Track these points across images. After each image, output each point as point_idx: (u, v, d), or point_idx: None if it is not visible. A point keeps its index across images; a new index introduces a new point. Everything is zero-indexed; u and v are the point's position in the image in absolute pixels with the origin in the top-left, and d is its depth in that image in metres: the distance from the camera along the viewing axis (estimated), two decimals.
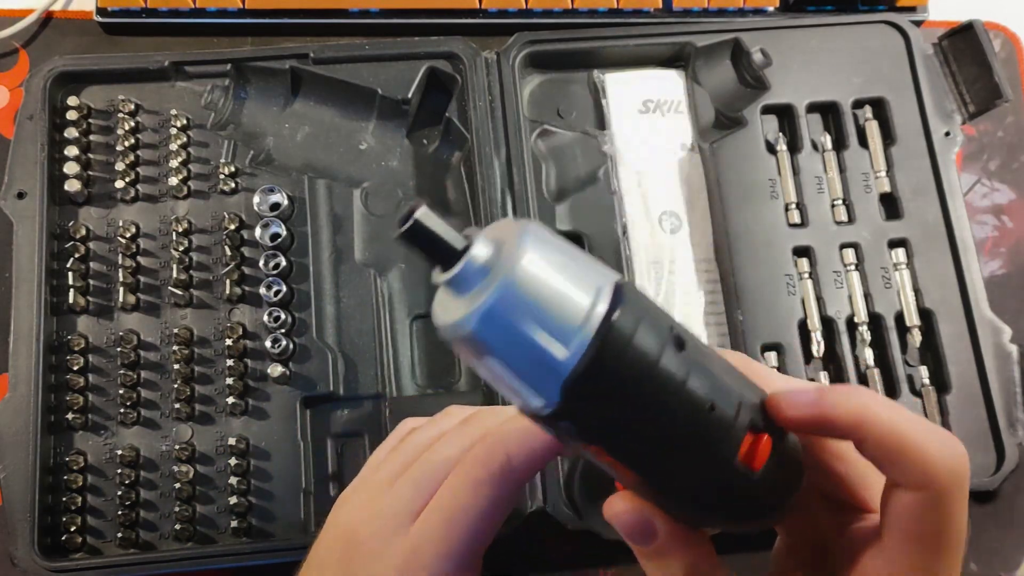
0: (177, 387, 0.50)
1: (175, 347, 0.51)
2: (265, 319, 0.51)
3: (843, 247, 0.54)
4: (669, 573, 0.27)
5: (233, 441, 0.50)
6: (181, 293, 0.52)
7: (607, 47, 0.57)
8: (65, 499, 0.48)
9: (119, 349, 0.51)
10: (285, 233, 0.53)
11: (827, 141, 0.56)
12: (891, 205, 0.55)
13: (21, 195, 0.51)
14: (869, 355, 0.52)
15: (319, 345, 0.51)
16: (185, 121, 0.54)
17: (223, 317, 0.52)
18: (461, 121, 0.55)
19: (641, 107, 0.57)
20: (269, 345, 0.51)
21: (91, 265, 0.52)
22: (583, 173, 0.56)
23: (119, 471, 0.49)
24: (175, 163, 0.53)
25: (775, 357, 0.52)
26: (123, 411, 0.50)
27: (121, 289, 0.51)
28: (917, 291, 0.53)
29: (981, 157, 0.61)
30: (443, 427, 0.34)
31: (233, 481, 0.49)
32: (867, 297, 0.53)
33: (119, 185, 0.53)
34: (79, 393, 0.50)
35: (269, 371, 0.51)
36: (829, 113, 0.57)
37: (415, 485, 0.32)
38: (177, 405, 0.50)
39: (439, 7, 0.59)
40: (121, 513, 0.48)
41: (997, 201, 0.60)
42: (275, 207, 0.53)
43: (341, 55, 0.55)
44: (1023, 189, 0.61)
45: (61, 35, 0.60)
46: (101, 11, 0.58)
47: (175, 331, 0.51)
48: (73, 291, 0.51)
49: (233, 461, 0.49)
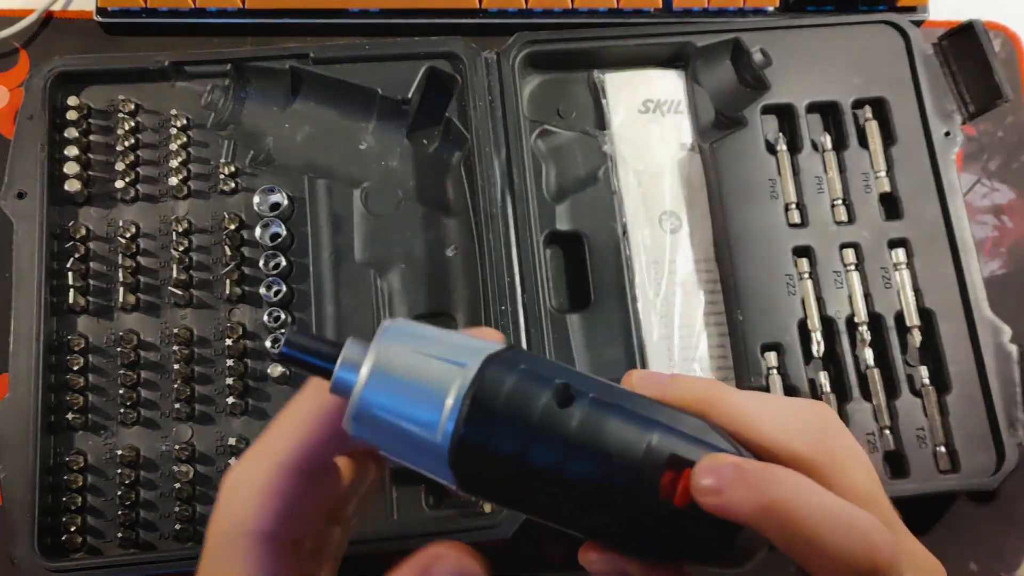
0: (177, 387, 0.50)
1: (175, 347, 0.51)
2: (265, 319, 0.51)
3: (843, 247, 0.54)
4: None
5: (233, 441, 0.50)
6: (181, 293, 0.52)
7: (607, 47, 0.57)
8: (65, 499, 0.48)
9: (119, 349, 0.51)
10: (285, 233, 0.53)
11: (827, 141, 0.56)
12: (891, 205, 0.55)
13: (21, 195, 0.51)
14: (869, 355, 0.52)
15: None
16: (185, 121, 0.54)
17: (223, 317, 0.52)
18: (461, 121, 0.55)
19: (641, 107, 0.57)
20: (269, 345, 0.51)
21: (91, 265, 0.52)
22: (583, 173, 0.56)
23: (119, 471, 0.49)
24: (175, 163, 0.53)
25: (775, 357, 0.52)
26: (123, 411, 0.50)
27: (121, 289, 0.51)
28: (917, 291, 0.53)
29: (981, 157, 0.61)
30: None
31: None
32: (867, 297, 0.53)
33: (119, 185, 0.53)
34: (79, 393, 0.50)
35: (269, 371, 0.51)
36: (829, 113, 0.57)
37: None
38: (177, 405, 0.50)
39: (439, 7, 0.59)
40: (121, 513, 0.48)
41: (997, 201, 0.60)
42: (275, 207, 0.53)
43: (341, 55, 0.55)
44: (1023, 189, 0.61)
45: (61, 35, 0.60)
46: (101, 11, 0.58)
47: (175, 331, 0.51)
48: (73, 291, 0.51)
49: (233, 461, 0.49)
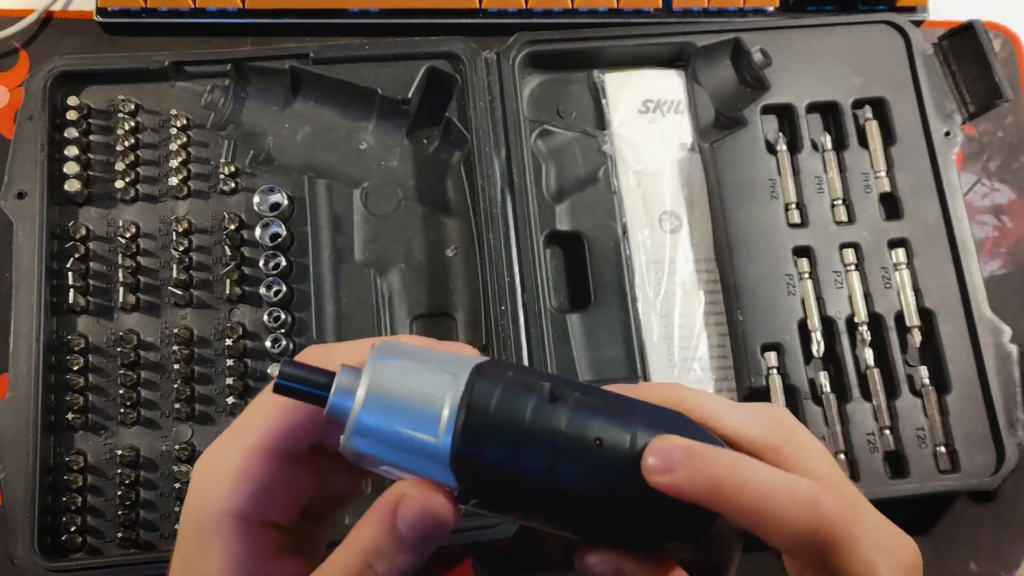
0: (177, 387, 0.50)
1: (175, 347, 0.51)
2: (265, 319, 0.51)
3: (843, 247, 0.54)
4: None
5: None
6: (181, 293, 0.52)
7: (607, 47, 0.57)
8: (65, 499, 0.48)
9: (119, 349, 0.51)
10: (285, 233, 0.53)
11: (827, 141, 0.56)
12: (891, 205, 0.55)
13: (21, 195, 0.51)
14: (869, 355, 0.52)
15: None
16: (185, 121, 0.54)
17: (223, 317, 0.52)
18: (461, 121, 0.55)
19: (641, 107, 0.57)
20: (269, 345, 0.51)
21: (91, 265, 0.52)
22: (583, 173, 0.56)
23: (119, 471, 0.49)
24: (175, 163, 0.53)
25: (775, 357, 0.52)
26: (123, 411, 0.50)
27: (121, 289, 0.51)
28: (917, 291, 0.53)
29: (981, 157, 0.61)
30: (342, 352, 0.29)
31: None
32: (867, 297, 0.53)
33: (119, 185, 0.53)
34: (79, 393, 0.50)
35: (269, 371, 0.51)
36: (829, 113, 0.57)
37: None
38: (177, 405, 0.50)
39: (439, 7, 0.59)
40: (121, 513, 0.48)
41: (997, 201, 0.60)
42: (275, 207, 0.53)
43: (341, 55, 0.55)
44: (1023, 189, 0.61)
45: (61, 35, 0.60)
46: (101, 11, 0.58)
47: (175, 331, 0.51)
48: (73, 291, 0.51)
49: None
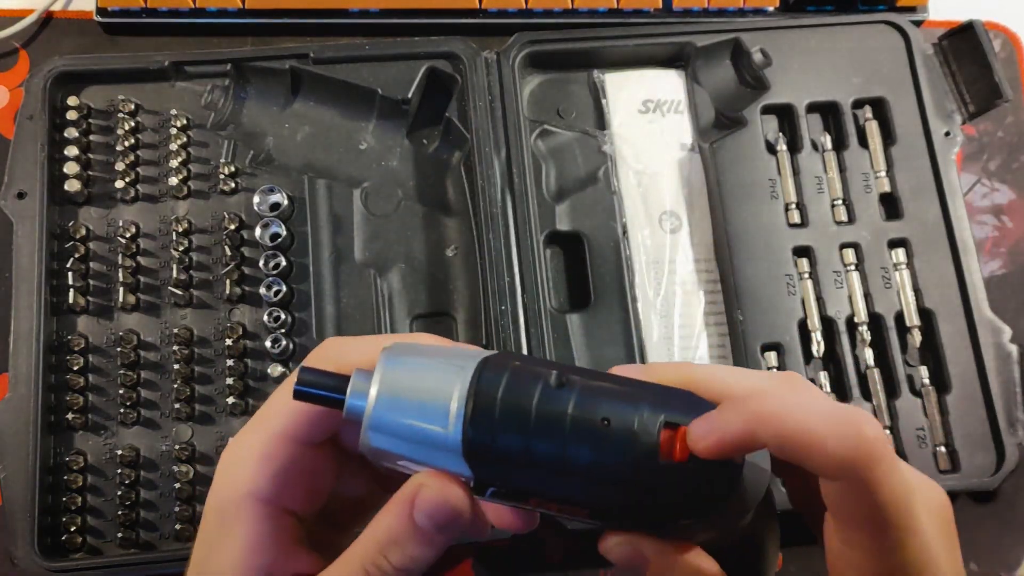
0: (177, 387, 0.50)
1: (175, 347, 0.51)
2: (265, 319, 0.51)
3: (843, 247, 0.54)
4: None
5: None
6: (181, 293, 0.52)
7: (607, 47, 0.57)
8: (65, 499, 0.48)
9: (119, 349, 0.51)
10: (285, 233, 0.53)
11: (827, 141, 0.56)
12: (891, 205, 0.55)
13: (21, 195, 0.51)
14: (869, 355, 0.52)
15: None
16: (185, 121, 0.54)
17: (223, 317, 0.52)
18: (461, 121, 0.55)
19: (641, 107, 0.57)
20: (269, 345, 0.51)
21: (91, 265, 0.52)
22: (583, 173, 0.56)
23: (119, 471, 0.49)
24: (175, 163, 0.53)
25: (775, 357, 0.52)
26: (123, 411, 0.50)
27: (121, 289, 0.51)
28: (917, 291, 0.53)
29: (981, 157, 0.61)
30: (362, 346, 0.30)
31: None
32: (867, 297, 0.53)
33: (119, 185, 0.53)
34: (79, 393, 0.50)
35: (269, 371, 0.51)
36: (829, 113, 0.57)
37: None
38: (177, 405, 0.50)
39: (439, 7, 0.59)
40: (121, 513, 0.48)
41: (997, 201, 0.60)
42: (275, 207, 0.53)
43: (341, 55, 0.55)
44: (1023, 189, 0.61)
45: (61, 35, 0.60)
46: (101, 11, 0.58)
47: (175, 331, 0.51)
48: (73, 291, 0.51)
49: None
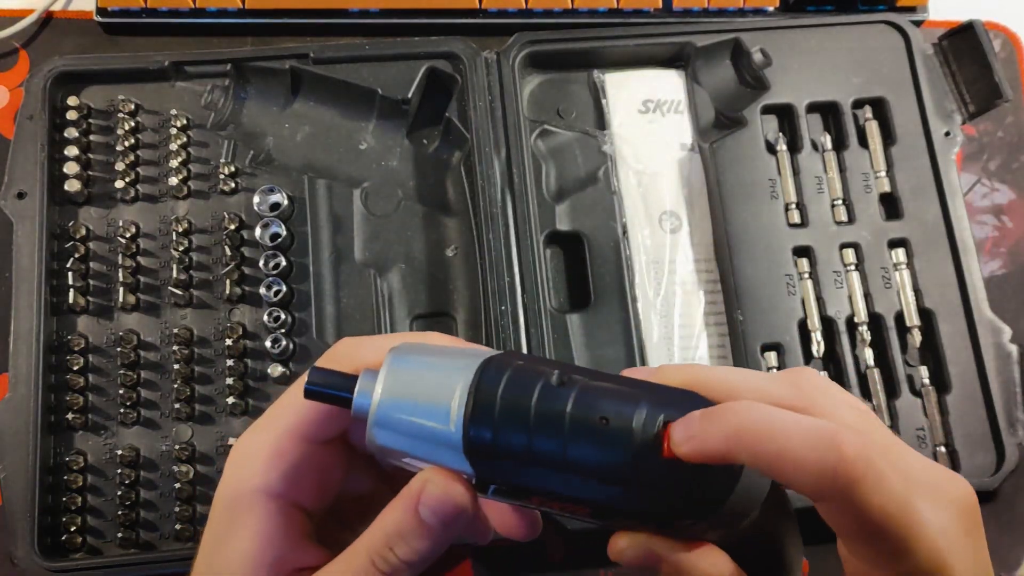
0: (177, 387, 0.50)
1: (175, 347, 0.51)
2: (265, 319, 0.51)
3: (843, 247, 0.54)
4: None
5: (233, 441, 0.50)
6: (181, 293, 0.52)
7: (607, 47, 0.57)
8: (65, 499, 0.48)
9: (119, 349, 0.51)
10: (285, 233, 0.53)
11: (827, 141, 0.56)
12: (891, 205, 0.55)
13: (21, 195, 0.51)
14: (869, 355, 0.52)
15: (319, 345, 0.51)
16: (185, 121, 0.54)
17: (223, 317, 0.52)
18: (461, 121, 0.55)
19: (641, 107, 0.57)
20: (269, 345, 0.51)
21: (91, 265, 0.52)
22: (583, 173, 0.56)
23: (119, 471, 0.49)
24: (175, 163, 0.53)
25: (775, 357, 0.52)
26: (123, 411, 0.50)
27: (121, 289, 0.51)
28: (917, 291, 0.53)
29: (981, 157, 0.61)
30: (375, 345, 0.31)
31: None
32: (867, 297, 0.53)
33: (119, 185, 0.53)
34: (79, 393, 0.50)
35: (269, 371, 0.51)
36: (829, 113, 0.57)
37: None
38: (177, 405, 0.50)
39: (439, 7, 0.59)
40: (121, 513, 0.48)
41: (997, 201, 0.60)
42: (275, 207, 0.53)
43: (341, 55, 0.55)
44: (1023, 189, 0.61)
45: (61, 35, 0.60)
46: (101, 11, 0.58)
47: (175, 331, 0.51)
48: (73, 291, 0.51)
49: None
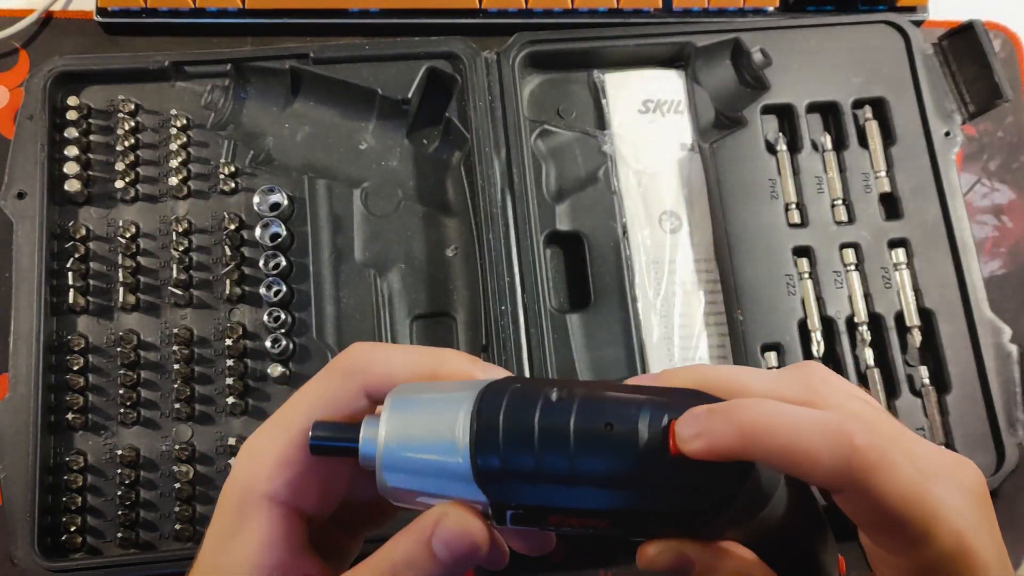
0: (177, 387, 0.50)
1: (175, 347, 0.51)
2: (265, 319, 0.51)
3: (843, 247, 0.54)
4: None
5: (233, 441, 0.50)
6: (181, 293, 0.52)
7: (607, 47, 0.57)
8: (65, 499, 0.48)
9: (119, 349, 0.51)
10: (285, 233, 0.53)
11: (827, 141, 0.56)
12: (891, 205, 0.55)
13: (21, 195, 0.51)
14: (869, 355, 0.52)
15: (319, 345, 0.51)
16: (185, 121, 0.54)
17: (223, 317, 0.52)
18: (461, 121, 0.55)
19: (641, 107, 0.57)
20: (269, 345, 0.51)
21: (91, 265, 0.52)
22: (583, 173, 0.56)
23: (119, 471, 0.49)
24: (175, 163, 0.53)
25: (775, 357, 0.52)
26: (123, 411, 0.50)
27: (121, 289, 0.51)
28: (917, 291, 0.53)
29: (981, 157, 0.61)
30: (390, 356, 0.30)
31: None
32: (867, 297, 0.53)
33: (119, 185, 0.53)
34: (79, 393, 0.50)
35: (269, 371, 0.51)
36: (829, 113, 0.57)
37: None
38: (177, 405, 0.50)
39: (439, 7, 0.59)
40: (121, 513, 0.48)
41: (997, 201, 0.60)
42: (275, 207, 0.53)
43: (341, 55, 0.55)
44: (1023, 189, 0.61)
45: (61, 35, 0.60)
46: (101, 11, 0.58)
47: (175, 331, 0.51)
48: (73, 291, 0.51)
49: (233, 461, 0.49)
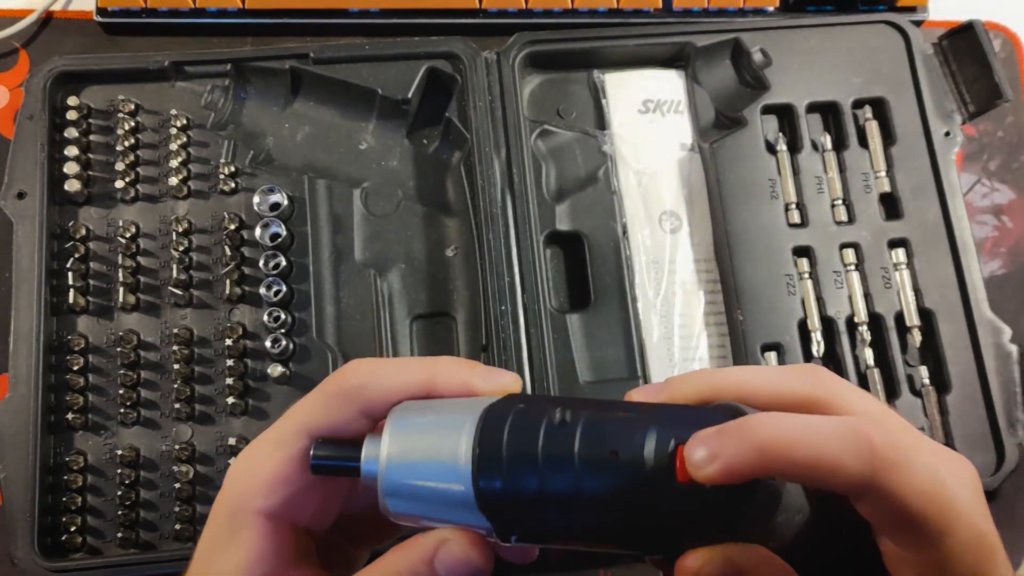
0: (177, 387, 0.50)
1: (175, 347, 0.51)
2: (265, 319, 0.51)
3: (843, 247, 0.54)
4: None
5: (233, 441, 0.50)
6: (181, 293, 0.52)
7: (607, 47, 0.57)
8: (65, 499, 0.48)
9: (119, 349, 0.51)
10: (285, 233, 0.53)
11: (827, 141, 0.56)
12: (891, 205, 0.55)
13: (21, 195, 0.51)
14: (869, 355, 0.52)
15: (319, 345, 0.51)
16: (185, 121, 0.54)
17: (223, 317, 0.52)
18: (461, 121, 0.55)
19: (641, 107, 0.57)
20: (269, 345, 0.51)
21: (91, 265, 0.52)
22: (583, 173, 0.56)
23: (119, 471, 0.49)
24: (175, 163, 0.53)
25: (775, 357, 0.52)
26: (123, 411, 0.50)
27: (121, 289, 0.51)
28: (917, 291, 0.53)
29: (981, 157, 0.61)
30: (388, 373, 0.30)
31: None
32: (867, 297, 0.53)
33: (119, 185, 0.53)
34: (79, 393, 0.50)
35: (269, 371, 0.51)
36: (829, 113, 0.57)
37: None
38: (177, 405, 0.50)
39: (439, 7, 0.59)
40: (121, 513, 0.48)
41: (997, 201, 0.60)
42: (275, 207, 0.53)
43: (341, 55, 0.55)
44: (1023, 189, 0.61)
45: (61, 35, 0.60)
46: (101, 11, 0.58)
47: (175, 331, 0.51)
48: (73, 291, 0.51)
49: (233, 461, 0.49)
